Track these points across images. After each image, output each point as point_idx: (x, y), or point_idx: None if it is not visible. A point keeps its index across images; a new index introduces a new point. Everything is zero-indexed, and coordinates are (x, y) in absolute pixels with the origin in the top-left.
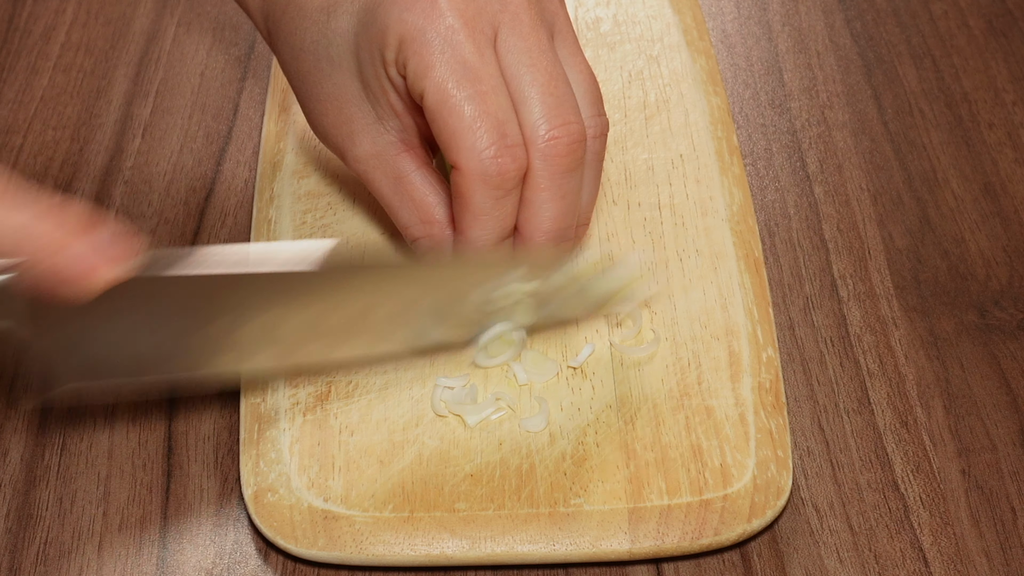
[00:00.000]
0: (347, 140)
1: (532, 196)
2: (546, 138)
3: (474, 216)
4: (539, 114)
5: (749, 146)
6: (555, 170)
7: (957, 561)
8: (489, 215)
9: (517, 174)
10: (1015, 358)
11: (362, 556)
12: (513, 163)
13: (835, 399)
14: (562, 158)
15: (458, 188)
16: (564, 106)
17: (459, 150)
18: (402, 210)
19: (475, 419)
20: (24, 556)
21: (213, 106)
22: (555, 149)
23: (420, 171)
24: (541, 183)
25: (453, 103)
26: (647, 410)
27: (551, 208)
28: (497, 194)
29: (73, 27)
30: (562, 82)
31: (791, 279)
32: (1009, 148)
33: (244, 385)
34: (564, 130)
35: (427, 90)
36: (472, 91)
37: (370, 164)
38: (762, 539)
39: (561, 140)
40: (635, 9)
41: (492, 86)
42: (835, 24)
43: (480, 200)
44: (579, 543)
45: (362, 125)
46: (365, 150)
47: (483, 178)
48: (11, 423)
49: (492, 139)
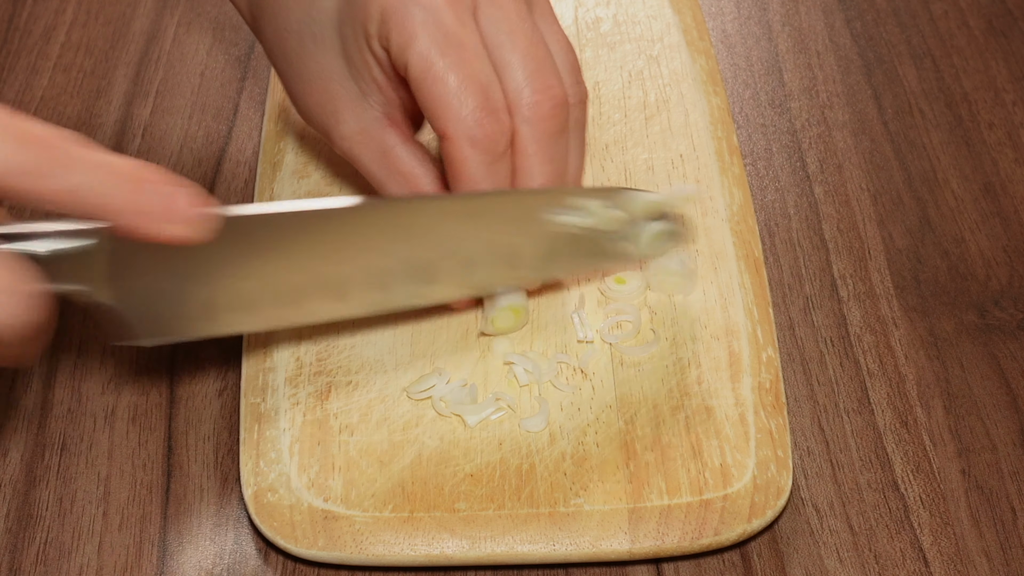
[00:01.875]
0: (332, 118)
1: (521, 163)
2: (529, 103)
3: (470, 185)
4: (522, 79)
5: (749, 146)
6: (541, 134)
7: (957, 561)
8: (484, 181)
9: (503, 138)
10: (1015, 358)
11: (362, 556)
12: (498, 126)
13: (835, 399)
14: (546, 121)
15: (450, 157)
16: (545, 71)
17: (446, 117)
18: (390, 184)
19: (475, 419)
20: (24, 556)
21: (213, 106)
22: (539, 112)
23: (405, 145)
24: (529, 148)
25: (437, 71)
26: (647, 410)
27: (540, 173)
28: (487, 159)
29: (73, 27)
30: (542, 48)
31: (791, 279)
32: (1009, 148)
33: (244, 385)
34: (547, 94)
35: (411, 60)
36: (455, 59)
37: (356, 141)
38: (762, 539)
39: (544, 104)
40: (635, 9)
41: (474, 53)
42: (835, 24)
43: (473, 167)
44: (579, 543)
45: (346, 102)
46: (350, 127)
47: (471, 142)
48: (11, 423)
49: (477, 103)
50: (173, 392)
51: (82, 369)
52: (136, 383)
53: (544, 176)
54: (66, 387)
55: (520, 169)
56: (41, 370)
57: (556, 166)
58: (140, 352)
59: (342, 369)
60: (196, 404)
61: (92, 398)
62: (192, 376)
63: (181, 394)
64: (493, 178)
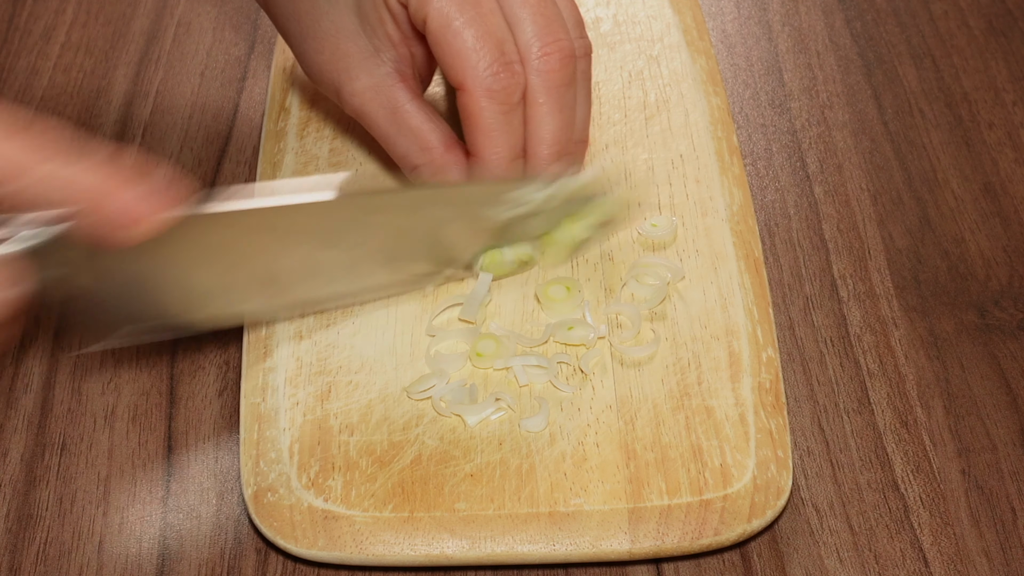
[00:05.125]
0: (344, 75)
1: (533, 112)
2: (540, 54)
3: (486, 134)
4: (532, 33)
5: (749, 146)
6: (551, 84)
7: (957, 561)
8: (499, 131)
9: (517, 89)
10: (1015, 358)
11: (362, 556)
12: (513, 79)
13: (835, 399)
14: (556, 72)
15: (467, 109)
16: (554, 25)
17: (464, 70)
18: (400, 139)
19: (475, 419)
20: (24, 556)
21: (213, 106)
22: (549, 64)
23: (415, 101)
24: (539, 98)
25: (456, 26)
26: (647, 410)
27: (551, 122)
28: (503, 109)
29: (73, 27)
30: (551, 5)
31: (791, 279)
32: (1009, 148)
33: (244, 385)
34: (556, 46)
35: (430, 15)
36: (473, 14)
37: (366, 97)
38: (762, 539)
39: (554, 55)
40: (635, 9)
41: (490, 9)
42: (835, 24)
43: (489, 117)
44: (579, 543)
45: (359, 59)
46: (362, 83)
47: (488, 94)
48: (11, 423)
49: (494, 57)
50: (173, 392)
51: (82, 369)
52: (136, 383)
53: (553, 124)
54: (66, 387)
55: (532, 118)
56: (41, 370)
57: (565, 115)
58: (140, 352)
59: (342, 369)
60: (196, 404)
61: (92, 398)
62: (192, 376)
63: (181, 394)
64: (507, 127)
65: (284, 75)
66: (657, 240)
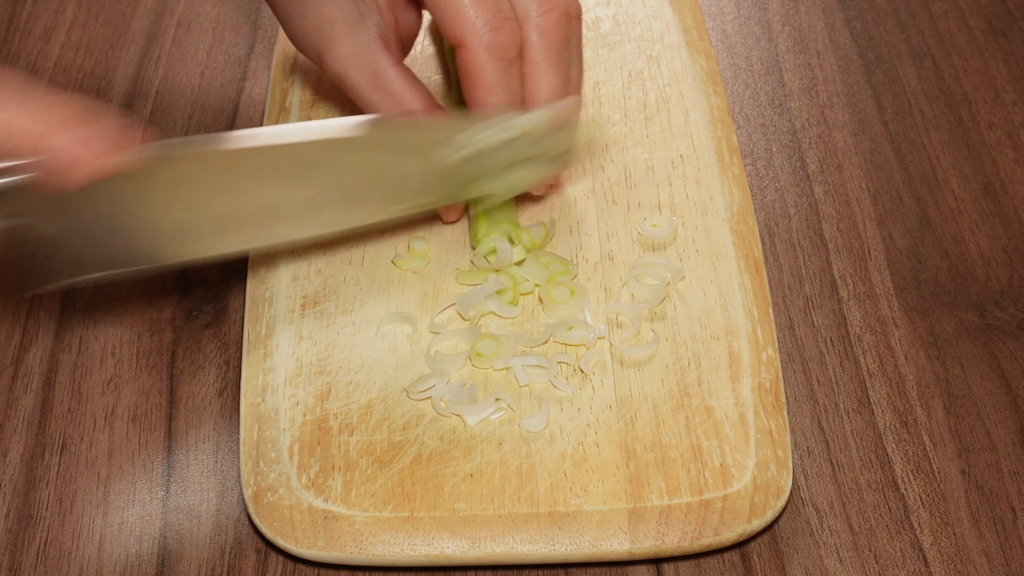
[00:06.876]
0: (327, 40)
1: (532, 70)
2: (540, 12)
3: (486, 89)
4: None
5: (749, 146)
6: (550, 42)
7: (957, 561)
8: (499, 85)
9: (515, 45)
10: (1015, 358)
11: (362, 556)
12: (511, 34)
13: (835, 399)
14: (555, 31)
15: (466, 65)
16: None
17: (463, 26)
18: (381, 104)
19: (475, 419)
20: (24, 556)
21: (213, 106)
22: (548, 22)
23: (396, 67)
24: (538, 56)
25: None
26: (647, 410)
27: (549, 78)
28: (502, 64)
29: (73, 27)
30: None
31: (791, 279)
32: (1009, 148)
33: (244, 385)
34: (555, 3)
35: None
36: None
37: (349, 62)
38: (762, 539)
39: (553, 14)
40: (635, 9)
41: None
42: (835, 24)
43: (489, 72)
44: (579, 543)
45: (343, 24)
46: (345, 48)
47: (487, 49)
48: (11, 423)
49: (492, 13)
50: (173, 392)
51: (82, 369)
52: (136, 383)
53: (551, 81)
54: (66, 387)
55: (531, 76)
56: (41, 370)
57: (562, 72)
58: (140, 352)
59: (342, 369)
60: (196, 404)
61: (92, 398)
62: (192, 376)
63: (181, 394)
64: (507, 82)
65: (284, 75)
66: (657, 240)
